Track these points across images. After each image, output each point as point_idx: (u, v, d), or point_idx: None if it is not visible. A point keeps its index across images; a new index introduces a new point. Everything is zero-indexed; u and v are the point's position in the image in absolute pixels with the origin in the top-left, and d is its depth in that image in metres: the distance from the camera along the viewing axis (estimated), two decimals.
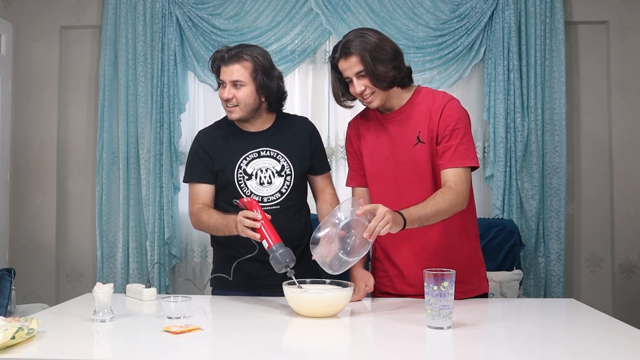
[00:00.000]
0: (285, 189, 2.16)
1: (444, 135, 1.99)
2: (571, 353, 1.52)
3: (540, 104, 3.65)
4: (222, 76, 2.12)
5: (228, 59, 2.10)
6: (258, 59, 2.12)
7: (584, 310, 1.95)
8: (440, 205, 1.90)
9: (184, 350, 1.54)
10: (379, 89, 1.98)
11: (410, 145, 2.03)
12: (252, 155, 2.16)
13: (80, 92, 3.97)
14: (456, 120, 2.00)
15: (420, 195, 1.97)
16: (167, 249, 3.74)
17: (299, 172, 2.18)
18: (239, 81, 2.09)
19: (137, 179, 3.77)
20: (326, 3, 3.71)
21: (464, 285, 1.99)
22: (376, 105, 2.03)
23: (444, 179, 1.98)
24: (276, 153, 2.17)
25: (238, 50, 2.12)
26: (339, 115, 3.79)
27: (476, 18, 3.66)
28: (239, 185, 2.14)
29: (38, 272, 3.89)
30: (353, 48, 1.96)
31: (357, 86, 1.98)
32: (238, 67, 2.10)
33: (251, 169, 2.15)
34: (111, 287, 1.76)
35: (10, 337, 1.44)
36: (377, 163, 2.10)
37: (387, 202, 1.92)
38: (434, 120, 2.00)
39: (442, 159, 1.99)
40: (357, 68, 1.97)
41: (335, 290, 1.86)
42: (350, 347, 1.65)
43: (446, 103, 2.01)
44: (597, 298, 3.68)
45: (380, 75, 1.96)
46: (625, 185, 3.76)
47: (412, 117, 2.05)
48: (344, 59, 1.99)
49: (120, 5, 3.77)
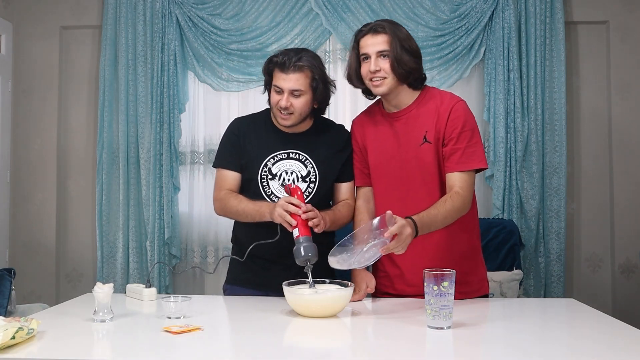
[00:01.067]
0: (307, 194, 2.12)
1: (450, 138, 1.99)
2: (571, 353, 1.52)
3: (540, 104, 3.64)
4: (280, 83, 2.06)
5: (290, 67, 2.04)
6: (317, 68, 2.08)
7: (584, 310, 1.95)
8: (449, 213, 1.92)
9: (184, 350, 1.54)
10: (394, 75, 1.99)
11: (416, 145, 2.03)
12: (280, 156, 2.14)
13: (80, 92, 3.97)
14: (463, 122, 2.00)
15: (423, 195, 1.98)
16: (167, 249, 3.74)
17: (324, 180, 2.15)
18: (299, 90, 2.06)
19: (137, 179, 3.77)
20: (326, 3, 3.71)
21: (464, 285, 1.99)
22: (382, 91, 2.03)
23: (450, 182, 1.99)
24: (305, 157, 2.15)
25: (298, 57, 2.05)
26: (338, 115, 3.79)
27: (476, 18, 3.66)
28: (262, 183, 2.13)
29: (38, 272, 3.89)
30: (385, 29, 2.00)
31: (373, 64, 1.99)
32: (299, 76, 2.05)
33: (276, 169, 2.13)
34: (111, 287, 1.76)
35: (10, 337, 1.44)
36: (381, 161, 2.09)
37: (391, 200, 1.95)
38: (442, 121, 2.01)
39: (448, 162, 1.99)
40: (381, 47, 1.99)
41: (335, 290, 1.86)
42: (351, 347, 1.65)
43: (454, 105, 2.02)
44: (597, 298, 3.68)
45: (403, 61, 1.97)
46: (625, 185, 3.76)
47: (419, 117, 2.05)
48: (372, 34, 2.01)
49: (120, 5, 3.77)
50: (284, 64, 2.04)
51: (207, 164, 3.83)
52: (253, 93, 3.77)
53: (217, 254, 3.80)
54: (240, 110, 3.77)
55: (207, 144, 3.85)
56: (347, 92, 3.80)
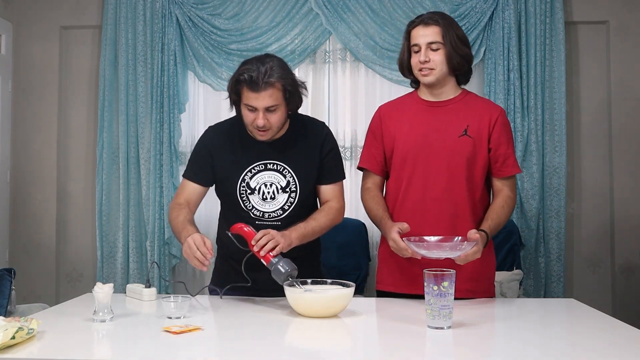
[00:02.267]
0: (288, 205, 2.08)
1: (501, 142, 2.08)
2: (571, 353, 1.52)
3: (540, 104, 3.65)
4: (253, 102, 1.95)
5: (261, 85, 1.91)
6: (287, 77, 1.96)
7: (584, 310, 1.95)
8: (507, 217, 2.08)
9: (184, 350, 1.54)
10: (443, 66, 2.03)
11: (454, 135, 2.06)
12: (257, 168, 2.08)
13: (80, 92, 3.97)
14: (509, 129, 2.14)
15: (445, 185, 2.04)
16: (167, 249, 3.75)
17: (305, 189, 2.09)
18: (273, 106, 1.95)
19: (137, 179, 3.77)
20: (326, 3, 3.71)
21: (473, 283, 2.03)
22: (430, 80, 2.06)
23: (502, 184, 2.10)
24: (283, 167, 2.07)
25: (266, 72, 1.92)
26: (338, 116, 3.79)
27: (476, 18, 3.66)
28: (241, 199, 2.08)
29: (38, 272, 3.89)
30: (437, 20, 2.04)
31: (423, 55, 2.03)
32: (272, 92, 1.93)
33: (255, 183, 2.07)
34: (111, 287, 1.75)
35: (10, 337, 1.44)
36: (411, 147, 2.09)
37: (412, 187, 2.05)
38: (489, 123, 2.07)
39: (504, 165, 2.09)
40: (431, 38, 2.03)
41: (336, 290, 1.85)
42: (351, 347, 1.65)
43: (502, 111, 2.13)
44: (597, 298, 3.67)
45: (459, 49, 2.03)
46: (625, 185, 3.75)
47: (461, 110, 2.10)
48: (423, 26, 2.04)
49: (120, 5, 3.78)
50: (254, 82, 1.91)
51: None
52: None
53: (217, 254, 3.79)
54: None
55: None
56: (347, 92, 3.80)
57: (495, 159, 2.08)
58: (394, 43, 3.67)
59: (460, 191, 2.05)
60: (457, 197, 2.05)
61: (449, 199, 2.05)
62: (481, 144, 2.06)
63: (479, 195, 2.08)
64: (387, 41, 3.69)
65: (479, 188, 2.08)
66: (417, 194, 2.07)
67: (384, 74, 3.72)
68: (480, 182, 2.08)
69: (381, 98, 3.77)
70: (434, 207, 2.04)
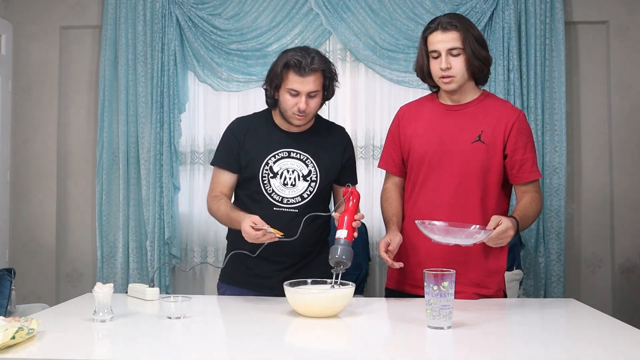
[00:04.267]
0: (307, 194, 2.14)
1: (517, 147, 2.03)
2: (571, 353, 1.52)
3: (540, 104, 3.64)
4: (297, 86, 2.04)
5: (307, 70, 2.03)
6: (328, 67, 2.09)
7: (584, 310, 1.95)
8: (535, 215, 2.05)
9: (184, 350, 1.54)
10: (465, 72, 2.00)
11: (468, 141, 2.03)
12: (281, 154, 2.15)
13: (80, 92, 3.97)
14: (528, 133, 2.08)
15: (455, 191, 2.01)
16: (167, 249, 3.75)
17: (325, 180, 2.17)
18: (315, 91, 2.06)
19: (137, 179, 3.77)
20: (326, 3, 3.71)
21: (481, 288, 2.04)
22: (452, 87, 2.03)
23: (526, 189, 2.06)
24: (306, 157, 2.16)
25: (312, 58, 2.04)
26: (338, 116, 3.79)
27: (476, 18, 3.65)
28: (263, 181, 2.13)
29: (38, 272, 3.89)
30: (457, 25, 1.98)
31: (444, 62, 1.98)
32: (315, 78, 2.05)
33: (278, 168, 2.14)
34: (111, 287, 1.76)
35: (10, 337, 1.44)
36: (427, 150, 2.07)
37: (423, 190, 2.04)
38: (505, 129, 2.03)
39: (521, 171, 2.04)
40: (452, 44, 1.98)
41: (336, 290, 1.86)
42: (351, 347, 1.65)
43: (519, 115, 2.07)
44: (597, 298, 3.68)
45: (479, 55, 1.99)
46: (625, 185, 3.75)
47: (477, 115, 2.06)
48: (442, 31, 1.99)
49: (120, 5, 3.77)
50: (302, 67, 2.02)
51: (207, 164, 3.82)
52: (253, 93, 3.77)
53: (217, 254, 3.80)
54: (240, 110, 3.76)
55: (207, 144, 3.85)
56: (347, 92, 3.80)
57: (511, 166, 2.04)
58: (394, 43, 3.67)
59: (472, 198, 2.02)
60: (467, 203, 2.02)
61: (459, 205, 2.02)
62: (495, 150, 2.02)
63: (494, 202, 2.04)
64: (387, 41, 3.69)
65: (493, 195, 2.04)
66: (428, 198, 2.05)
67: (384, 74, 3.72)
68: (495, 188, 2.05)
69: (381, 98, 3.78)
70: (443, 212, 2.01)
